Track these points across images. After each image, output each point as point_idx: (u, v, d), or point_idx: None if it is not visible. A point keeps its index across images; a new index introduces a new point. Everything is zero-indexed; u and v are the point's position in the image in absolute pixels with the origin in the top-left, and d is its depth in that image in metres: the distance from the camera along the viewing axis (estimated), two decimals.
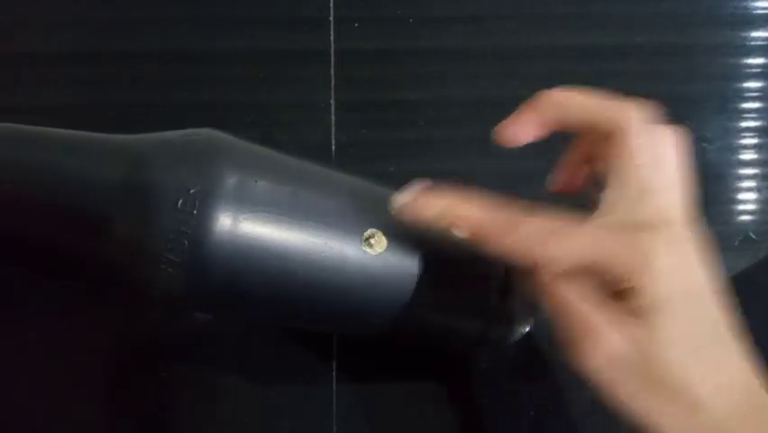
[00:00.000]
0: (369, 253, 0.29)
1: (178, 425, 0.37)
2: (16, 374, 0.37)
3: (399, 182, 0.31)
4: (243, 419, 0.37)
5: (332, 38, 0.42)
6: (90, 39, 0.41)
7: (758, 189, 0.41)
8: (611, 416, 0.38)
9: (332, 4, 0.42)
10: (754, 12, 0.43)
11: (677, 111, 0.42)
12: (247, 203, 0.27)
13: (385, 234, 0.29)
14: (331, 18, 0.42)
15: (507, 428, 0.37)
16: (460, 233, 0.27)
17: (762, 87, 0.42)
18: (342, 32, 0.42)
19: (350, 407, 0.37)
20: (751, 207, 0.41)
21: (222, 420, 0.37)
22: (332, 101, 0.41)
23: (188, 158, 0.28)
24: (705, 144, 0.41)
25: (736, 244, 0.40)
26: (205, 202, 0.27)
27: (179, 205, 0.27)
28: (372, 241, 0.29)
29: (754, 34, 0.43)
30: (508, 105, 0.42)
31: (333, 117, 0.41)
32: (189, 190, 0.27)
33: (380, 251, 0.29)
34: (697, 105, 0.42)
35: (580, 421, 0.38)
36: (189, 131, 0.29)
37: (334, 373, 0.37)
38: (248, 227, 0.27)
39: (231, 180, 0.27)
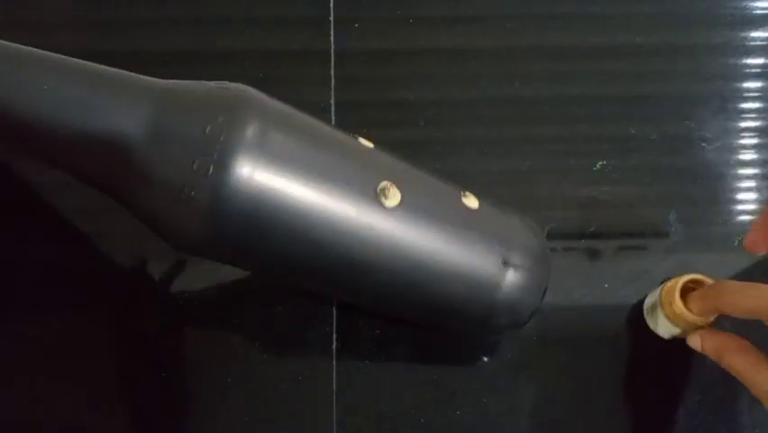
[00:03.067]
0: (383, 206, 0.29)
1: (179, 425, 0.37)
2: (16, 373, 0.37)
3: None
4: (243, 419, 0.37)
5: (332, 38, 0.42)
6: (90, 39, 0.41)
7: (758, 189, 0.41)
8: (611, 416, 0.38)
9: (332, 4, 0.42)
10: (754, 12, 0.43)
11: (677, 111, 0.42)
12: (268, 150, 0.28)
13: (398, 187, 0.30)
14: (331, 18, 0.42)
15: (508, 428, 0.37)
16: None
17: (761, 88, 0.42)
18: (342, 32, 0.42)
19: (350, 407, 0.37)
20: (750, 206, 0.41)
21: (222, 420, 0.37)
22: (332, 101, 0.41)
23: (216, 101, 0.28)
24: (704, 144, 0.41)
25: (736, 243, 0.40)
26: (227, 145, 0.27)
27: (202, 145, 0.27)
28: (387, 193, 0.29)
29: (754, 34, 0.43)
30: (508, 106, 0.42)
31: (333, 117, 0.41)
32: (213, 132, 0.27)
33: (395, 203, 0.29)
34: (696, 106, 0.42)
35: (580, 421, 0.38)
36: (219, 84, 0.30)
37: (334, 372, 0.37)
38: (267, 174, 0.27)
39: (255, 127, 0.28)
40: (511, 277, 0.32)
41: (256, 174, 0.27)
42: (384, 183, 0.29)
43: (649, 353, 0.38)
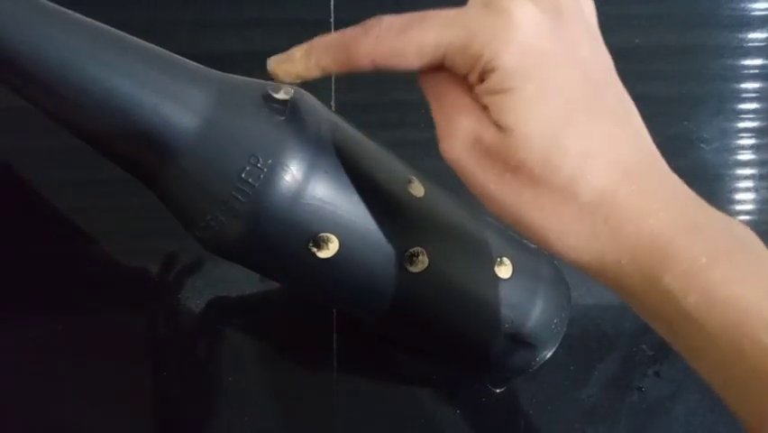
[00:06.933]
0: (406, 270, 0.29)
1: (179, 425, 0.37)
2: (16, 374, 0.37)
3: None
4: (243, 419, 0.37)
5: None
6: None
7: (755, 190, 0.41)
8: (611, 416, 0.38)
9: (332, 5, 0.42)
10: (752, 13, 0.43)
11: (675, 111, 0.42)
12: (310, 186, 0.27)
13: (428, 253, 0.29)
14: (331, 19, 0.42)
15: (508, 428, 0.37)
16: (327, 67, 0.25)
17: (759, 88, 0.42)
18: None
19: (350, 407, 0.37)
20: (748, 207, 0.41)
21: (222, 420, 0.37)
22: (332, 101, 0.41)
23: (266, 125, 0.27)
24: (702, 145, 0.41)
25: None
26: (269, 176, 0.26)
27: (246, 169, 0.26)
28: (415, 260, 0.29)
29: (752, 36, 0.43)
30: None
31: None
32: (258, 159, 0.26)
33: (420, 270, 0.29)
34: (695, 106, 0.42)
35: (580, 421, 0.38)
36: (278, 89, 0.28)
37: (334, 373, 0.37)
38: (305, 209, 0.27)
39: (300, 162, 0.27)
40: (521, 349, 0.32)
41: (299, 198, 0.27)
42: (414, 249, 0.29)
43: (649, 352, 0.38)
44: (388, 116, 0.41)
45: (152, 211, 0.32)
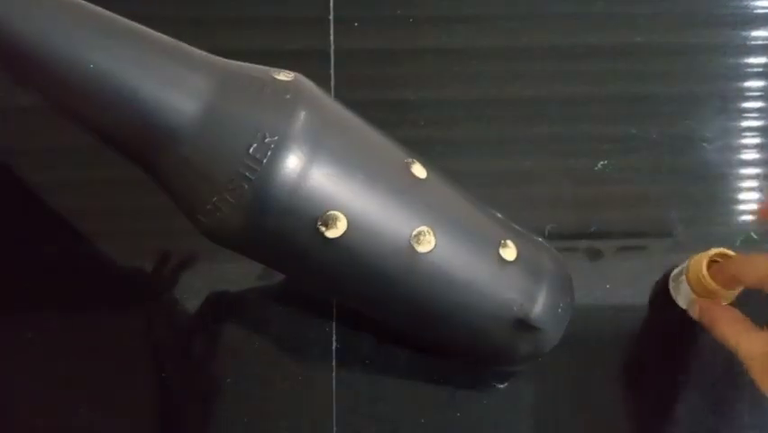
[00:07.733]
0: (414, 250, 0.29)
1: (178, 425, 0.37)
2: (16, 374, 0.37)
3: None
4: (243, 419, 0.37)
5: (332, 38, 0.42)
6: None
7: (759, 189, 0.41)
8: (611, 416, 0.38)
9: (332, 4, 0.42)
10: (754, 11, 0.43)
11: (677, 111, 0.42)
12: (317, 162, 0.27)
13: (434, 233, 0.29)
14: (331, 18, 0.42)
15: (508, 428, 0.37)
16: None
17: (762, 87, 0.42)
18: (342, 32, 0.42)
19: (350, 407, 0.37)
20: (752, 206, 0.41)
21: (222, 420, 0.37)
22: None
23: (272, 103, 0.27)
24: (705, 144, 0.41)
25: (738, 243, 0.40)
26: (277, 151, 0.26)
27: (253, 146, 0.26)
28: (421, 239, 0.29)
29: (755, 34, 0.43)
30: (508, 106, 0.42)
31: None
32: (265, 136, 0.26)
33: (427, 250, 0.29)
34: (697, 105, 0.42)
35: (580, 421, 0.38)
36: (278, 72, 0.29)
37: (334, 372, 0.37)
38: (313, 186, 0.27)
39: (306, 138, 0.27)
40: (527, 335, 0.32)
41: (301, 184, 0.27)
42: (420, 228, 0.29)
43: (649, 353, 0.38)
44: (388, 115, 0.41)
45: (151, 211, 0.32)
